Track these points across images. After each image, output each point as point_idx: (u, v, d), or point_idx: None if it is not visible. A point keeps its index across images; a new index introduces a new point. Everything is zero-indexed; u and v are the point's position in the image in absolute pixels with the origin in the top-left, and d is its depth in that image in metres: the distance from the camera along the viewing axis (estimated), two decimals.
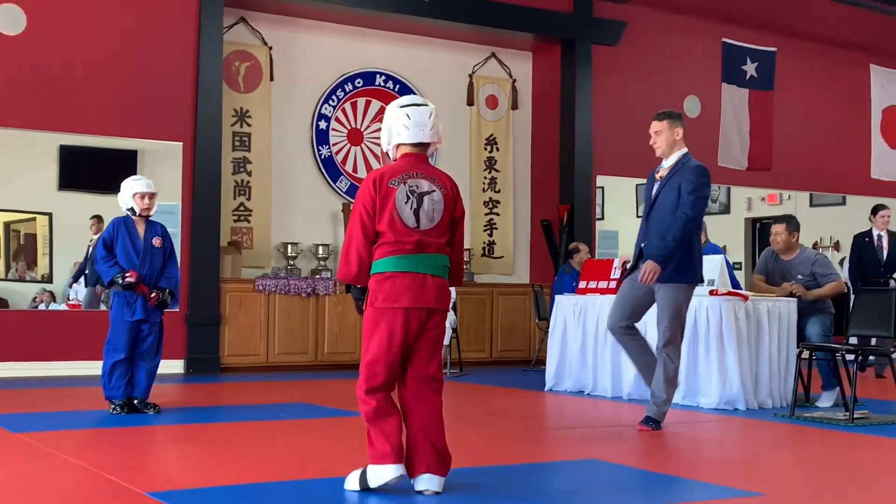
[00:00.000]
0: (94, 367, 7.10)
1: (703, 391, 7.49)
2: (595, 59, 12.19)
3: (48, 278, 10.17)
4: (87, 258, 9.77)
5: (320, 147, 11.43)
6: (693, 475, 4.88)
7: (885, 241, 10.42)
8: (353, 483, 4.23)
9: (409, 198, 4.22)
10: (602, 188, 12.80)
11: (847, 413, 6.79)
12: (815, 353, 7.35)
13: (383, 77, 11.78)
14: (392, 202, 4.20)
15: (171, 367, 9.50)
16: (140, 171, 9.89)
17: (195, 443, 5.85)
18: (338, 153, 11.52)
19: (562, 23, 12.02)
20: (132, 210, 6.85)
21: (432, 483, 4.12)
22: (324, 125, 11.46)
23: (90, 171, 10.13)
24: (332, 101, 11.50)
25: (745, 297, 7.55)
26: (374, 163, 11.62)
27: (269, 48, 11.09)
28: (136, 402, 6.80)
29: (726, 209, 15.91)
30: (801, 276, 7.86)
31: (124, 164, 9.89)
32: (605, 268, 8.91)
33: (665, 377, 6.27)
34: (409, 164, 4.30)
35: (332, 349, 10.64)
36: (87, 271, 9.81)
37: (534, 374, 10.35)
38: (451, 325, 10.19)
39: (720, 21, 13.20)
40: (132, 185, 6.86)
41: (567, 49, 12.14)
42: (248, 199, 10.91)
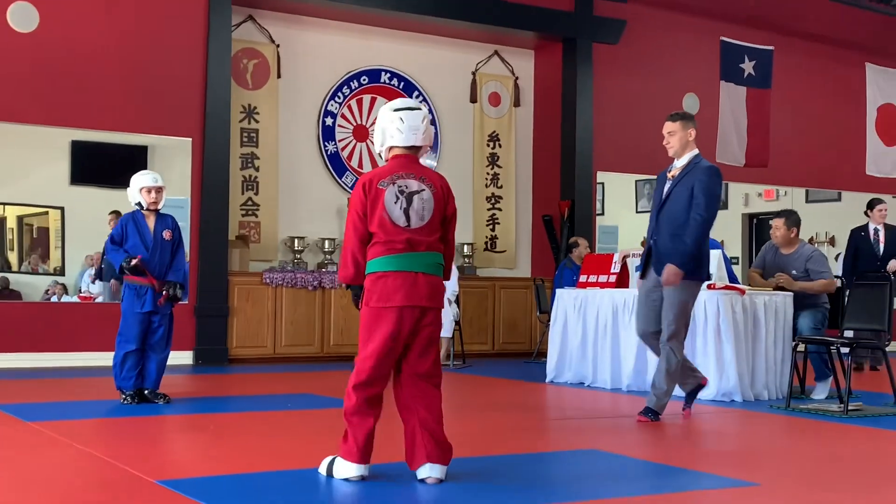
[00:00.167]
0: (106, 358, 7.18)
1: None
2: (596, 58, 12.30)
3: (60, 271, 10.29)
4: (104, 254, 9.90)
5: (326, 143, 11.57)
6: (690, 465, 4.93)
7: (881, 234, 10.34)
8: (322, 468, 4.36)
9: (398, 197, 4.29)
10: (602, 184, 12.92)
11: (842, 405, 6.83)
12: (805, 345, 7.39)
13: (388, 74, 11.92)
14: (381, 203, 4.28)
15: (180, 358, 9.62)
16: (150, 166, 10.02)
17: (204, 432, 5.86)
18: (343, 149, 11.65)
19: (563, 21, 12.13)
20: (140, 204, 6.93)
21: (434, 470, 4.20)
22: (330, 121, 11.60)
23: (101, 166, 10.23)
24: (338, 97, 11.64)
25: (742, 292, 7.64)
26: (379, 159, 11.72)
27: (277, 46, 11.21)
28: (146, 392, 6.87)
29: (724, 205, 16.00)
30: (795, 272, 7.93)
31: (135, 160, 10.02)
32: (606, 262, 9.04)
33: (667, 369, 6.39)
34: (398, 165, 4.40)
35: (338, 341, 10.76)
36: (104, 266, 9.94)
37: (535, 366, 10.44)
38: (454, 317, 10.34)
39: (718, 20, 13.30)
40: (139, 180, 6.92)
41: (568, 47, 12.24)
42: (256, 193, 11.05)
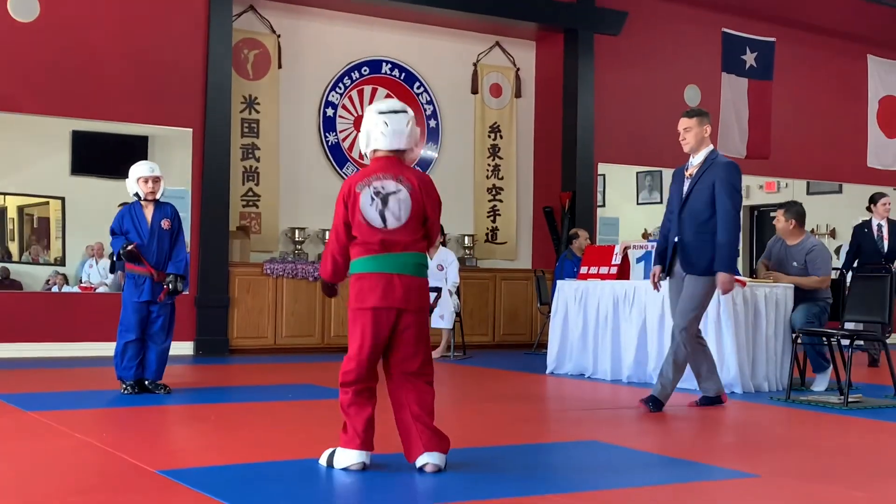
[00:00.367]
0: (106, 348, 7.20)
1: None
2: (597, 49, 12.29)
3: (61, 261, 10.30)
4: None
5: (327, 134, 11.57)
6: (690, 456, 4.94)
7: (885, 230, 9.99)
8: (323, 459, 4.40)
9: (373, 199, 4.33)
10: (603, 176, 12.92)
11: (842, 397, 6.85)
12: (799, 338, 7.40)
13: (389, 65, 11.91)
14: (358, 206, 4.34)
15: (180, 348, 9.65)
16: (151, 157, 10.03)
17: (205, 422, 5.87)
18: (344, 140, 11.65)
19: (565, 12, 12.11)
20: (137, 195, 6.93)
21: (432, 457, 4.24)
22: (331, 112, 11.60)
23: (102, 157, 10.24)
24: (339, 88, 11.63)
25: (743, 283, 7.65)
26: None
27: (278, 36, 11.21)
28: (147, 382, 6.89)
29: None
30: (795, 264, 7.95)
31: (135, 150, 10.02)
32: (606, 254, 9.05)
33: (674, 359, 6.45)
34: (378, 167, 4.43)
35: (339, 332, 10.75)
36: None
37: (535, 357, 10.47)
38: (454, 308, 10.36)
39: (720, 11, 13.29)
40: (136, 170, 6.93)
41: (570, 38, 12.23)
42: (257, 184, 11.05)
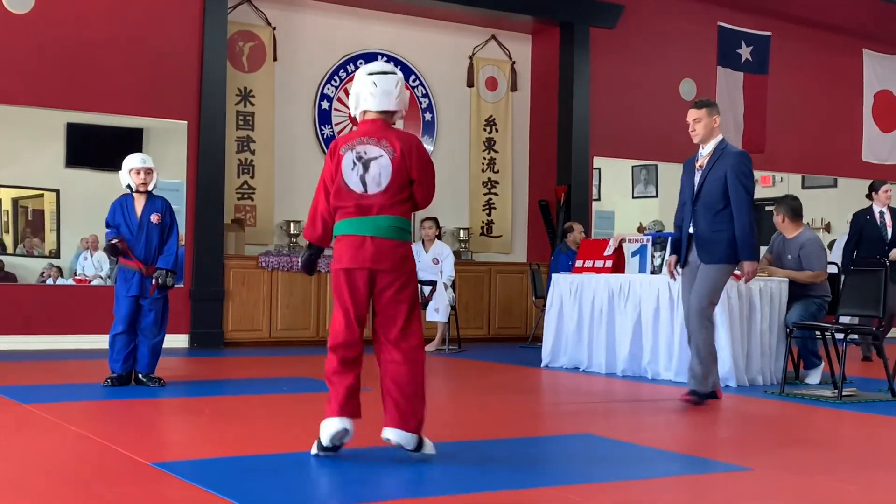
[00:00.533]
0: (101, 341, 7.20)
1: None
2: (593, 42, 12.28)
3: (55, 254, 10.29)
4: None
5: (323, 127, 11.56)
6: (684, 449, 4.96)
7: (887, 217, 9.76)
8: (314, 448, 4.40)
9: (355, 164, 4.36)
10: (599, 169, 12.92)
11: (836, 390, 6.90)
12: (792, 333, 7.44)
13: (385, 58, 11.87)
14: (340, 169, 4.38)
15: (175, 341, 9.66)
16: (145, 149, 10.00)
17: (200, 415, 5.88)
18: (340, 133, 11.64)
19: (561, 6, 12.09)
20: (130, 187, 6.89)
21: (391, 433, 4.27)
22: (326, 105, 11.58)
23: (97, 149, 10.23)
24: (335, 81, 11.62)
25: (738, 277, 7.67)
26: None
27: (273, 28, 11.19)
28: (141, 376, 6.87)
29: None
30: (790, 257, 7.97)
31: (130, 142, 9.99)
32: (602, 247, 9.07)
33: (697, 351, 6.49)
34: (364, 131, 4.45)
35: None
36: None
37: (530, 350, 10.50)
38: (449, 302, 10.37)
39: (716, 5, 13.28)
40: (128, 162, 6.90)
41: (566, 32, 12.22)
42: (252, 177, 11.04)
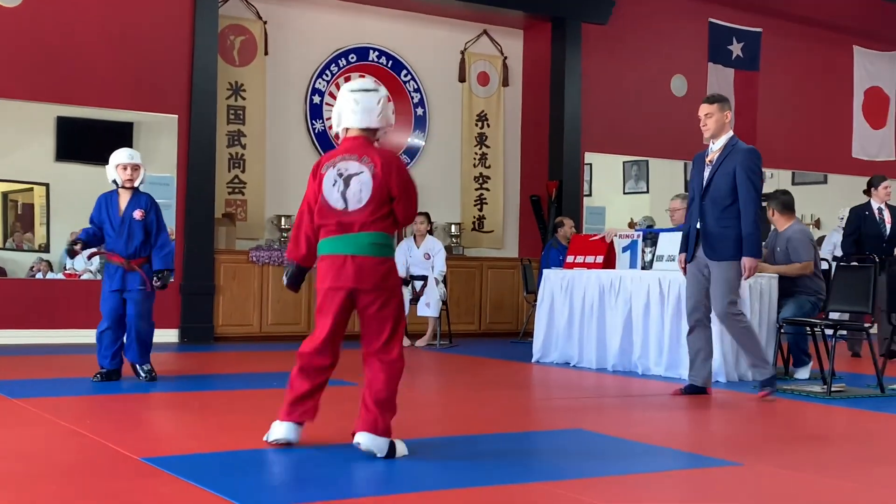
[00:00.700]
0: (90, 335, 7.17)
1: (685, 363, 7.47)
2: (585, 38, 12.28)
3: (45, 248, 10.28)
4: None
5: (314, 121, 11.54)
6: (675, 445, 4.97)
7: (886, 214, 9.64)
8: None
9: (336, 181, 4.37)
10: (590, 164, 12.93)
11: (825, 386, 6.91)
12: (783, 331, 7.45)
13: (376, 53, 11.88)
14: (321, 187, 4.40)
15: (165, 336, 9.62)
16: (136, 143, 10.00)
17: (189, 410, 5.87)
18: (331, 127, 11.53)
19: (552, 1, 12.08)
20: (115, 182, 6.86)
21: (360, 437, 4.31)
22: (317, 100, 11.56)
23: (87, 143, 10.20)
24: (326, 75, 11.60)
25: None
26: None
27: (264, 22, 11.16)
28: (132, 366, 6.85)
29: None
30: (779, 250, 8.01)
31: (120, 136, 9.97)
32: (593, 243, 9.08)
33: (742, 345, 6.57)
34: (345, 148, 4.46)
35: None
36: None
37: (521, 345, 10.50)
38: (441, 297, 10.38)
39: (707, 1, 13.28)
40: (115, 157, 6.86)
41: (557, 27, 12.22)
42: (243, 171, 11.01)
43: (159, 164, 10.00)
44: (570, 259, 9.17)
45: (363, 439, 4.31)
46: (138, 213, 6.78)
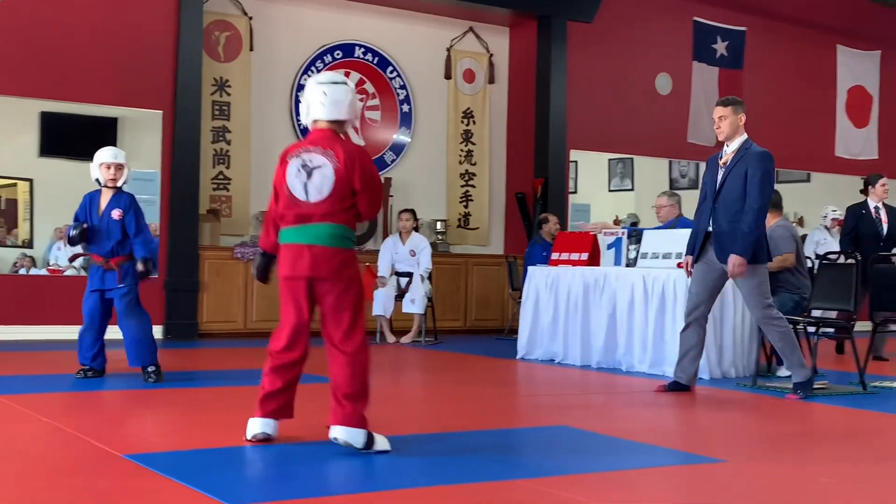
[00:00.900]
0: (73, 332, 7.12)
1: (669, 360, 7.60)
2: (570, 36, 12.29)
3: (29, 243, 10.25)
4: None
5: (299, 117, 11.50)
6: (659, 441, 4.99)
7: (882, 213, 9.49)
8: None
9: (299, 171, 4.41)
10: (576, 162, 12.97)
11: None
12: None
13: (362, 49, 11.87)
14: (285, 177, 4.44)
15: None
16: (120, 139, 9.97)
17: (173, 407, 5.85)
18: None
19: None
20: (98, 181, 6.80)
21: (335, 431, 4.35)
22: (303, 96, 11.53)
23: (71, 138, 10.18)
24: (312, 72, 11.56)
25: None
26: (351, 134, 11.70)
27: (250, 18, 11.13)
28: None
29: (695, 184, 16.12)
30: None
31: (105, 132, 9.96)
32: (578, 240, 9.11)
33: (781, 348, 6.56)
34: (312, 139, 4.49)
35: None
36: None
37: (506, 342, 10.51)
38: (426, 293, 10.38)
39: (692, 0, 13.37)
40: (99, 156, 6.79)
41: (543, 25, 12.23)
42: (228, 167, 10.98)
43: (144, 160, 9.97)
44: (554, 256, 9.19)
45: (339, 433, 4.34)
46: (116, 213, 6.72)
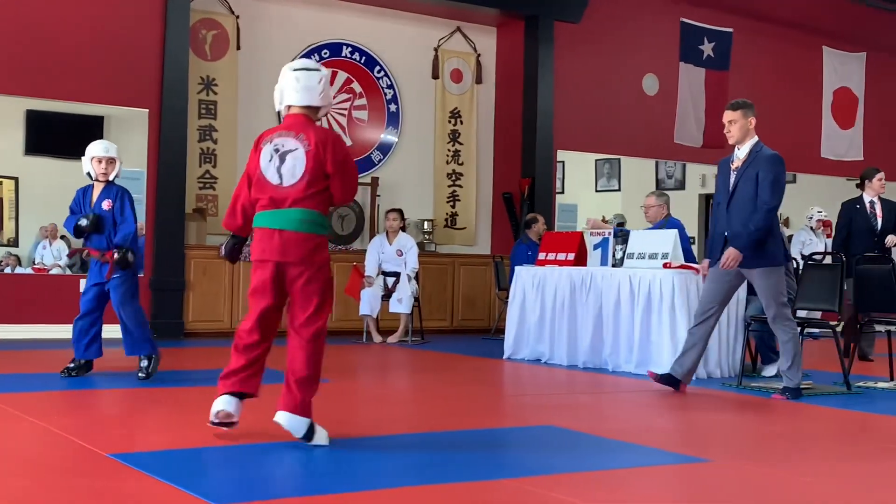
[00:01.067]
0: (59, 331, 7.14)
1: (655, 360, 7.68)
2: (557, 36, 12.31)
3: (14, 242, 10.19)
4: None
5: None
6: (644, 441, 5.00)
7: (878, 207, 9.35)
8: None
9: (272, 156, 4.48)
10: (563, 162, 13.00)
11: None
12: (749, 326, 7.53)
13: (350, 48, 11.86)
14: (259, 160, 4.51)
15: None
16: (106, 137, 9.86)
17: (158, 406, 5.85)
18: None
19: None
20: (90, 175, 6.82)
21: (281, 417, 4.43)
22: None
23: (57, 137, 10.14)
24: None
25: (697, 271, 7.75)
26: (340, 134, 11.70)
27: (237, 17, 11.11)
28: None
29: (681, 185, 16.22)
30: None
31: (91, 130, 9.92)
32: (565, 240, 9.12)
33: (784, 350, 6.60)
34: (285, 125, 4.55)
35: None
36: None
37: (493, 342, 10.52)
38: (413, 293, 10.38)
39: (679, 1, 13.37)
40: (90, 149, 6.84)
41: (530, 25, 12.24)
42: (214, 166, 10.96)
43: (130, 159, 9.89)
44: (541, 256, 9.20)
45: (282, 419, 4.42)
46: (106, 203, 6.75)
